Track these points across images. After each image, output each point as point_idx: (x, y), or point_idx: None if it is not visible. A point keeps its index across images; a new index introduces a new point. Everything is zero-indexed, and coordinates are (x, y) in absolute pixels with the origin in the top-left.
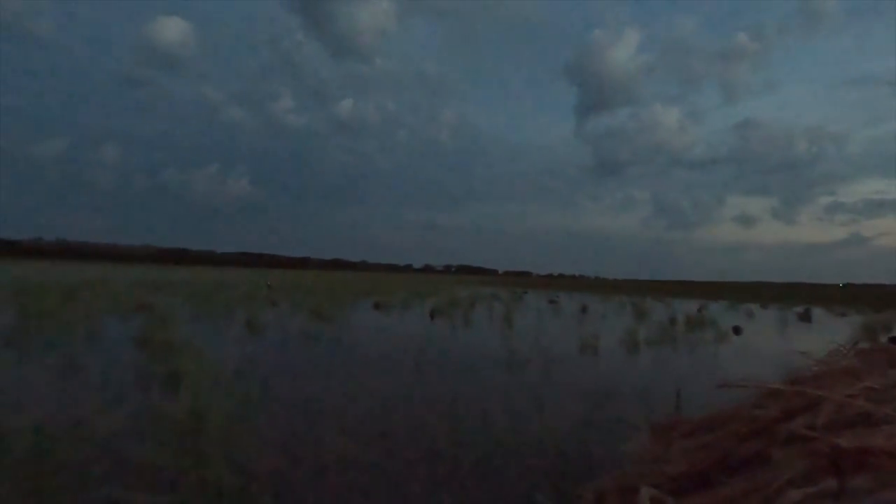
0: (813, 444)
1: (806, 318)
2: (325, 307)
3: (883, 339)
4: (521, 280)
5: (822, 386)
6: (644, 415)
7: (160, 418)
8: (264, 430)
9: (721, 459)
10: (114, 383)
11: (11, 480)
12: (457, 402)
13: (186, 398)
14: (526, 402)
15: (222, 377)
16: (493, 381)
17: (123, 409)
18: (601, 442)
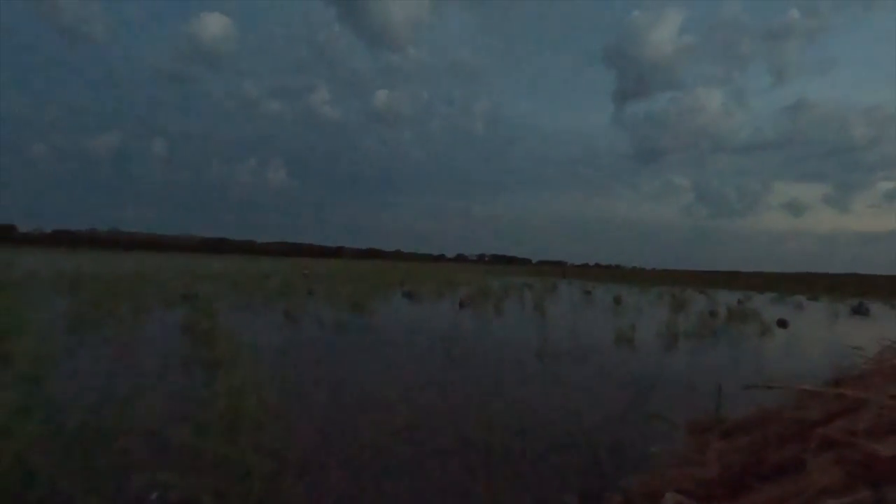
0: (849, 451)
1: (860, 311)
2: (358, 296)
3: None
4: (555, 270)
5: (868, 387)
6: (681, 412)
7: (199, 404)
8: (298, 417)
9: (756, 464)
10: (158, 369)
11: (65, 461)
12: (487, 394)
13: (224, 385)
14: (557, 396)
15: (260, 365)
16: (523, 372)
17: (166, 394)
18: (634, 438)
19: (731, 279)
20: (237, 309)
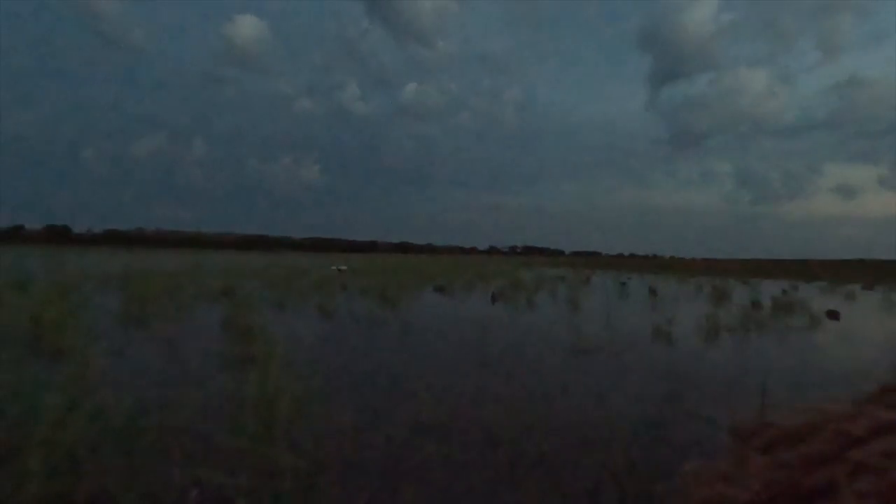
0: (886, 477)
1: None
2: (390, 291)
3: None
4: (589, 261)
5: None
6: (721, 412)
7: (236, 402)
8: (330, 414)
9: (793, 485)
10: (198, 367)
11: (110, 457)
12: (517, 392)
13: (259, 383)
14: (590, 394)
15: (294, 362)
16: (555, 369)
17: (204, 390)
18: (672, 441)
19: (776, 268)
20: (273, 305)
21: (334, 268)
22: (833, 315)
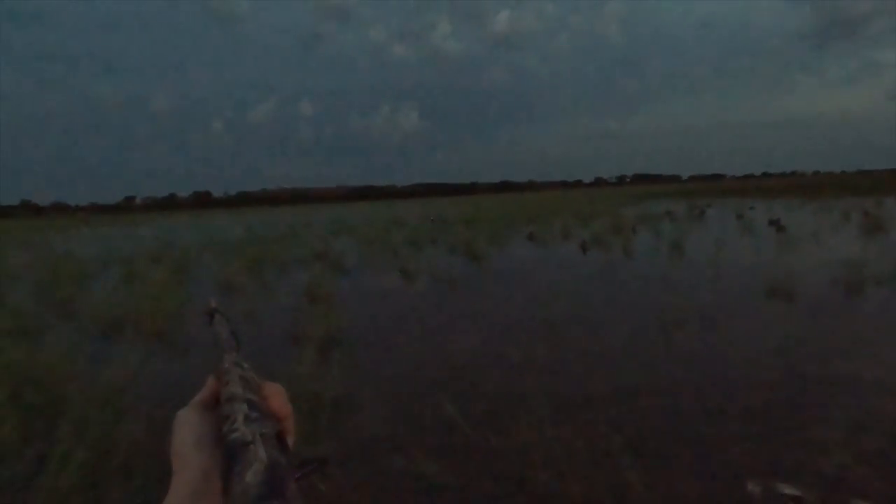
0: None
1: None
2: (477, 244)
3: None
4: (709, 187)
5: None
6: (859, 425)
7: (310, 384)
8: (381, 400)
9: None
10: (275, 348)
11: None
12: (594, 373)
13: (329, 368)
14: (684, 384)
15: (365, 342)
16: (637, 347)
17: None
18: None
19: None
20: (361, 266)
21: (432, 218)
22: None
